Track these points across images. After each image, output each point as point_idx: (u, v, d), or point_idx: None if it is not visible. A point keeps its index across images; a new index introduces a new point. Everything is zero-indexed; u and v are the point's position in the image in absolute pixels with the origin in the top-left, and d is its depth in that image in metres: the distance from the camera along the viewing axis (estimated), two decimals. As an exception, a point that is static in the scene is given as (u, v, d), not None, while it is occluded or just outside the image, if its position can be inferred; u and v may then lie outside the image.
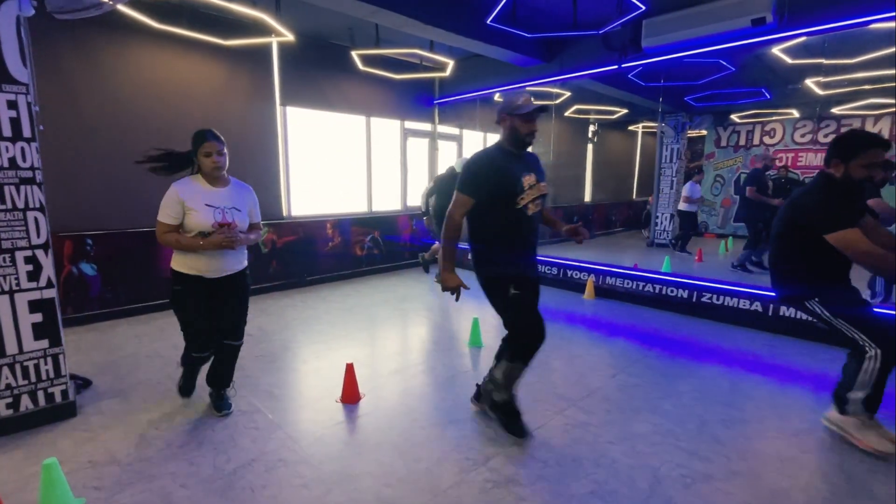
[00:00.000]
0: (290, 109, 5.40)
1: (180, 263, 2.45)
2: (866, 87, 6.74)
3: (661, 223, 9.55)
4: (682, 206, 7.73)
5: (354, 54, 5.10)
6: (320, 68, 5.61)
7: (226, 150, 2.43)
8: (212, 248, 2.34)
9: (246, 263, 2.59)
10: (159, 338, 3.82)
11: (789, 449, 2.36)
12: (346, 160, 6.15)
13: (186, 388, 2.78)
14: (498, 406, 2.52)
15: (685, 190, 7.64)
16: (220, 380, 2.68)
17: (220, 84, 4.81)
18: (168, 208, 2.33)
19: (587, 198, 10.46)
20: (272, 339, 3.82)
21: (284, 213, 5.46)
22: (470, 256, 2.43)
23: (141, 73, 4.32)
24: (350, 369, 2.81)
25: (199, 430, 2.46)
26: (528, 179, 2.32)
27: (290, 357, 3.49)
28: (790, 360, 3.53)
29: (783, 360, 3.51)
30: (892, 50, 4.58)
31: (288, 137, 5.43)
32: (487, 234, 2.33)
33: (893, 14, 3.41)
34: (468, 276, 2.38)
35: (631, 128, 11.31)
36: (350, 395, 2.78)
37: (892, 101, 7.55)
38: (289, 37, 4.17)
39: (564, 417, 2.64)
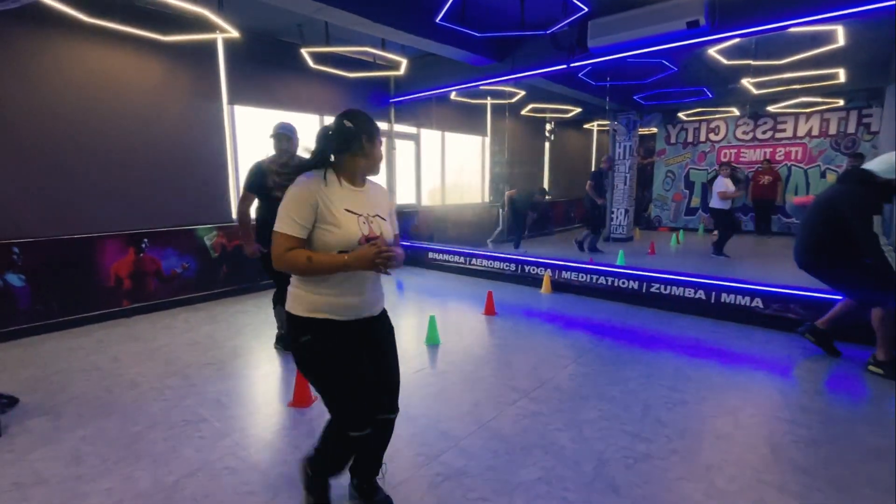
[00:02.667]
0: (238, 108, 5.23)
1: (304, 304, 1.60)
2: (795, 86, 7.23)
3: (617, 218, 9.89)
4: (715, 203, 6.92)
5: (304, 52, 5.00)
6: (270, 66, 5.46)
7: None
8: (361, 267, 1.52)
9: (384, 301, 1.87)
10: (97, 350, 3.61)
11: (724, 426, 2.50)
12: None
13: None
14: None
15: (717, 186, 6.88)
16: (377, 463, 1.84)
17: (160, 82, 4.59)
18: (294, 211, 1.52)
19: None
20: (222, 347, 3.69)
21: (234, 216, 5.28)
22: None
23: (70, 70, 4.06)
24: (300, 372, 2.75)
25: (138, 443, 2.34)
26: None
27: (241, 364, 3.38)
28: (729, 343, 3.74)
29: (723, 344, 3.72)
30: (815, 52, 4.94)
31: (237, 137, 5.26)
32: None
33: (810, 19, 3.68)
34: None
35: (586, 126, 11.66)
36: (301, 399, 2.73)
37: (820, 99, 8.14)
38: (233, 33, 4.03)
39: (516, 408, 2.69)
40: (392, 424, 1.81)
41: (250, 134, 5.43)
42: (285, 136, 3.35)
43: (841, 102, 8.57)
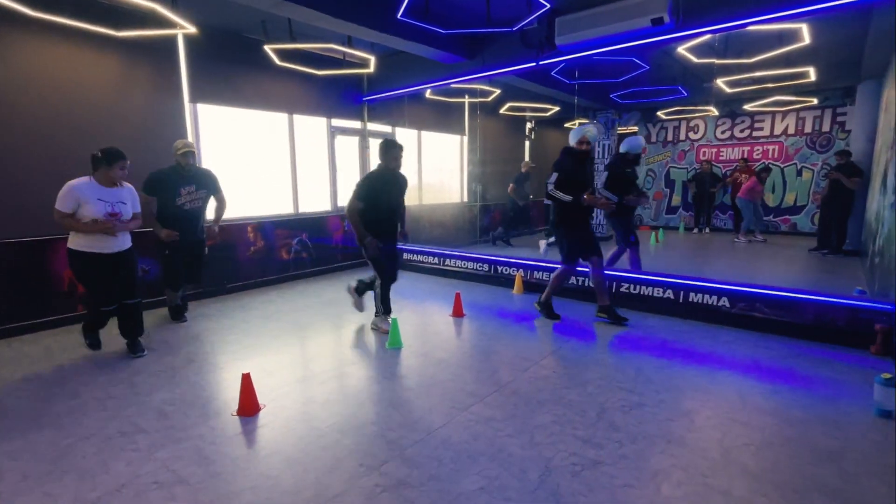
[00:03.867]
0: (201, 107, 5.09)
1: (81, 244, 3.23)
2: (769, 85, 7.27)
3: (596, 217, 9.88)
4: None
5: (268, 49, 4.88)
6: (234, 63, 5.33)
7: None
8: (97, 232, 3.19)
9: (131, 245, 3.46)
10: (42, 358, 3.47)
11: (678, 429, 2.45)
12: (269, 160, 5.90)
13: (94, 342, 3.61)
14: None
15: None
16: (133, 331, 3.52)
17: (117, 79, 4.44)
18: (66, 200, 3.14)
19: (526, 194, 10.63)
20: (176, 353, 3.57)
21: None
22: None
23: (20, 66, 3.90)
24: (246, 379, 2.65)
25: (66, 458, 2.23)
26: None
27: (193, 371, 3.26)
28: (694, 343, 3.71)
29: (688, 344, 3.68)
30: (782, 51, 4.95)
31: (200, 136, 5.12)
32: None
33: (772, 16, 3.66)
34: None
35: (567, 125, 11.62)
36: (247, 407, 2.63)
37: (794, 98, 8.19)
38: (190, 29, 3.92)
39: (470, 414, 2.62)
40: (133, 307, 3.49)
41: (214, 133, 5.29)
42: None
43: (815, 101, 8.64)
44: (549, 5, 3.90)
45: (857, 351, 3.49)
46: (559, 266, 4.28)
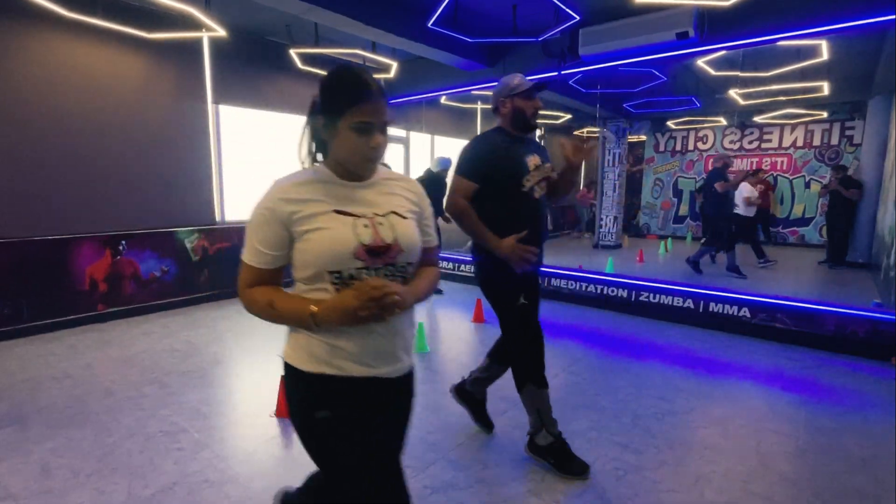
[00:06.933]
0: (223, 108, 5.13)
1: (304, 355, 1.13)
2: (781, 98, 7.37)
3: (606, 225, 9.95)
4: None
5: (293, 52, 4.93)
6: (257, 66, 5.37)
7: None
8: (347, 323, 1.04)
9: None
10: (69, 357, 3.47)
11: (712, 436, 2.49)
12: (287, 162, 5.92)
13: None
14: (545, 449, 2.16)
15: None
16: None
17: (143, 80, 4.48)
18: (257, 233, 1.10)
19: (535, 201, 10.70)
20: (202, 354, 3.59)
21: (217, 218, 5.17)
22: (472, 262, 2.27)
23: (48, 65, 3.93)
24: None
25: (113, 455, 2.25)
26: (533, 160, 2.14)
27: (222, 372, 3.29)
28: (717, 353, 3.75)
29: (711, 354, 3.73)
30: (799, 65, 5.03)
31: (221, 137, 5.15)
32: (492, 227, 2.03)
33: (796, 34, 3.74)
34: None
35: (576, 133, 11.72)
36: (285, 409, 2.64)
37: (804, 111, 8.30)
38: (220, 32, 3.96)
39: (506, 419, 2.65)
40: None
41: (236, 134, 5.33)
42: None
43: (825, 115, 8.75)
44: (578, 18, 3.96)
45: (878, 362, 3.54)
46: None
